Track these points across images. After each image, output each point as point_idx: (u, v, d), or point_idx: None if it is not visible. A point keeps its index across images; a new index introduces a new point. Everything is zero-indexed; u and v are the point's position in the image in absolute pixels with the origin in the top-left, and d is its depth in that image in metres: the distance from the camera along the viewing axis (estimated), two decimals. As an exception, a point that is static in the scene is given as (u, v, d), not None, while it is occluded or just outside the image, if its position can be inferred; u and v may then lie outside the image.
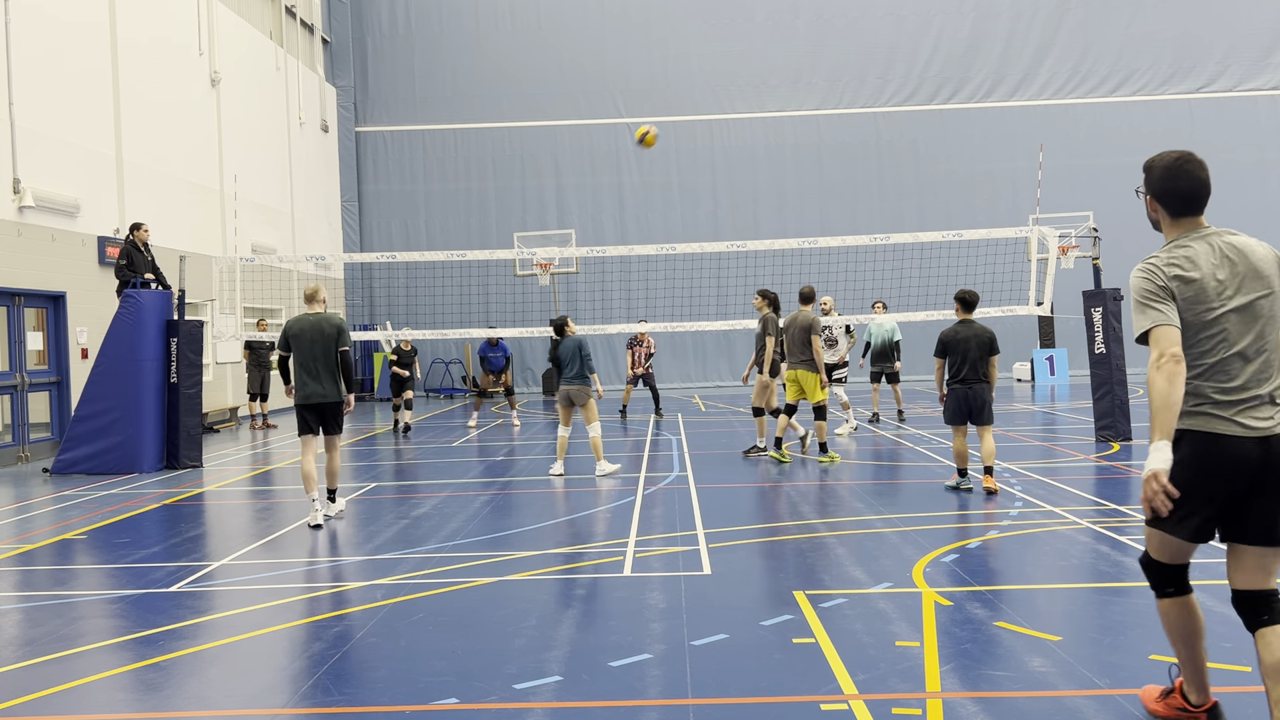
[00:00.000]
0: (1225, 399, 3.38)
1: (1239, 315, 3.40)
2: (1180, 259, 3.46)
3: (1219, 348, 3.40)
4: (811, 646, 4.88)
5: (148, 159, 16.95)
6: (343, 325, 8.63)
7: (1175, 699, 3.81)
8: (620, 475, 10.86)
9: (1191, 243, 3.49)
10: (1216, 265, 3.43)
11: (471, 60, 27.10)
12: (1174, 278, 3.43)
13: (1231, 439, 3.36)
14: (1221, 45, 26.31)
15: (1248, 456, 3.34)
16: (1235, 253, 3.45)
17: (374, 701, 4.38)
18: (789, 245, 14.66)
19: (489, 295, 23.82)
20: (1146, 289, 3.45)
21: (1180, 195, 3.54)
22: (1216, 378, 3.40)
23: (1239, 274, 3.43)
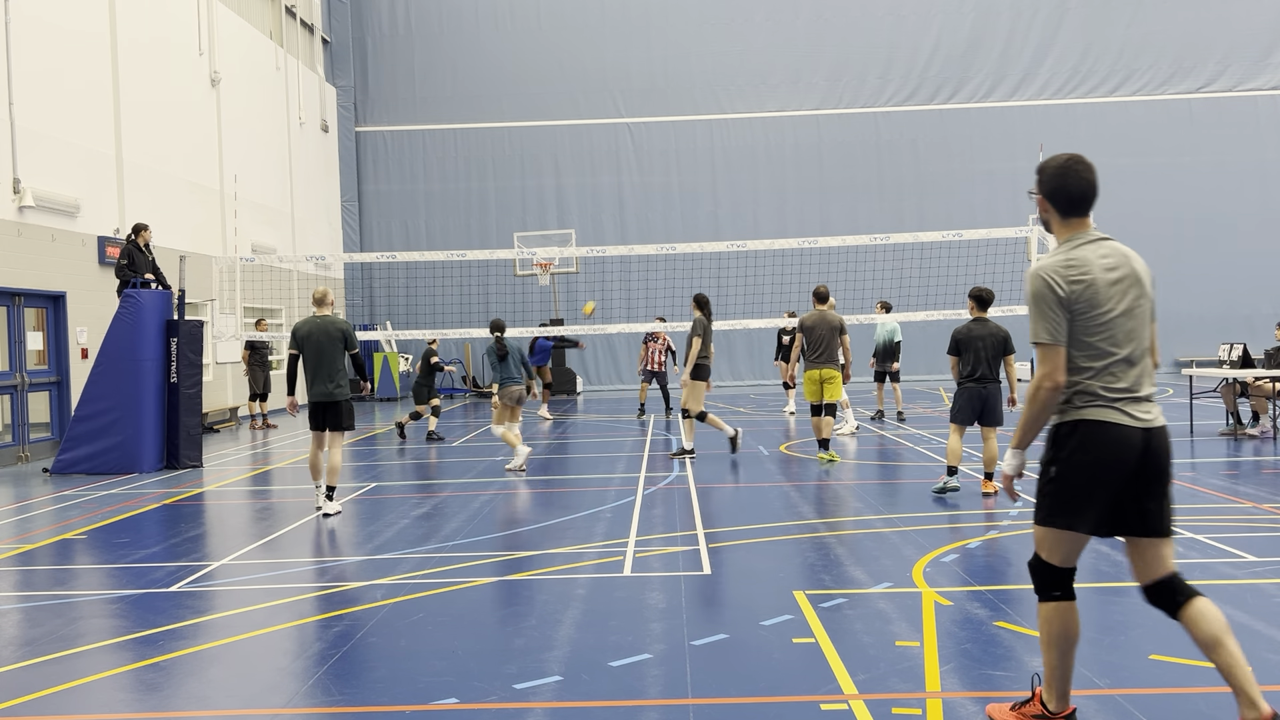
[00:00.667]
0: (1113, 395, 3.57)
1: (1125, 319, 3.59)
2: (1076, 264, 3.59)
3: (1108, 350, 3.57)
4: (811, 646, 4.89)
5: (148, 159, 16.95)
6: (348, 330, 9.03)
7: (1033, 707, 3.78)
8: (620, 475, 10.86)
9: (1083, 249, 3.64)
10: (1106, 270, 3.59)
11: (471, 60, 27.10)
12: (1073, 282, 3.56)
13: (1122, 427, 3.54)
14: (1221, 45, 26.31)
15: (1134, 445, 3.53)
16: (1120, 258, 3.64)
17: (374, 701, 4.38)
18: (789, 245, 14.68)
19: (489, 295, 23.82)
20: (1047, 297, 3.58)
21: (1068, 195, 3.71)
22: (1105, 379, 3.57)
23: (1124, 279, 3.60)
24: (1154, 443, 3.57)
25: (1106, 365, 3.57)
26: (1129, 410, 3.56)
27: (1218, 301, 26.05)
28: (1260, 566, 6.20)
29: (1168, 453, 3.62)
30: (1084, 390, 3.59)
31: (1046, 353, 3.56)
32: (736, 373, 27.00)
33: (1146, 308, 3.64)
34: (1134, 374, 3.59)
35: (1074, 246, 3.65)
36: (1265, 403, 12.78)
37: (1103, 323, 3.57)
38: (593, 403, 22.37)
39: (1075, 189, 3.71)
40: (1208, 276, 26.08)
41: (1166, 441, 3.62)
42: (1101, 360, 3.57)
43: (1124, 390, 3.57)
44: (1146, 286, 3.65)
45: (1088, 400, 3.59)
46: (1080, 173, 3.72)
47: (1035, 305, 3.60)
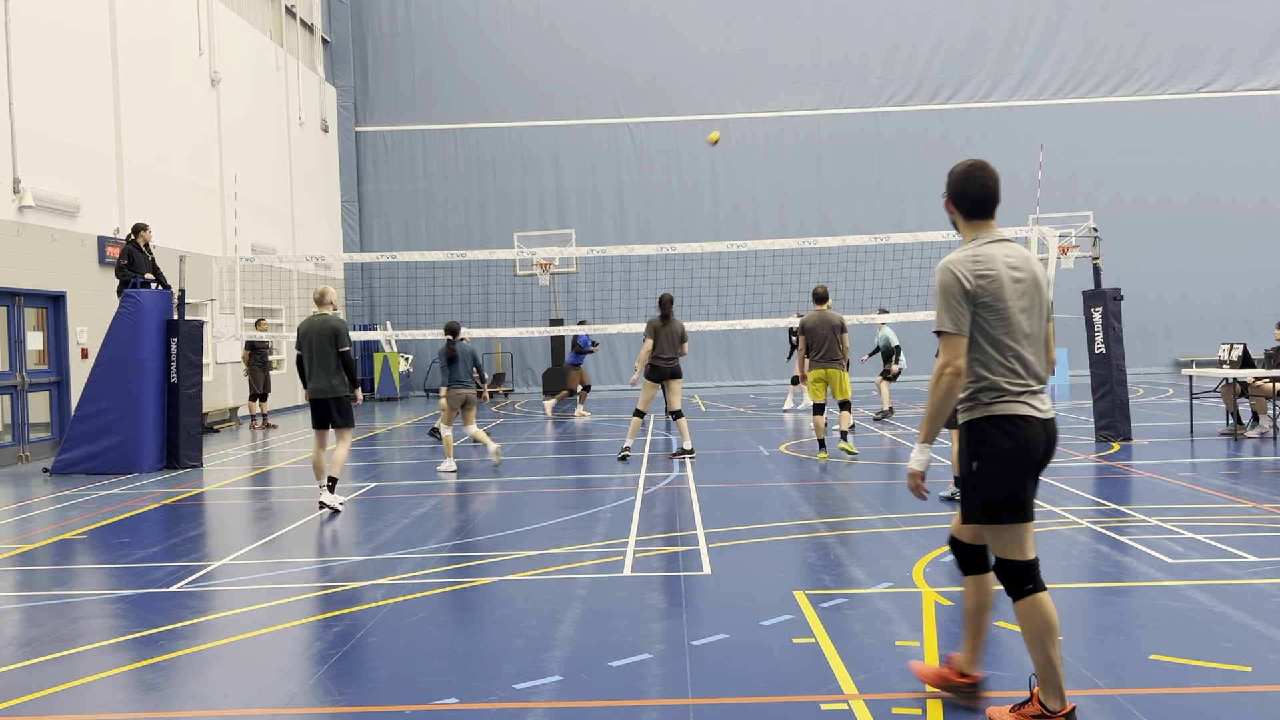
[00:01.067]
0: (1018, 389, 3.75)
1: (1024, 317, 3.78)
2: (983, 261, 3.77)
3: (1011, 345, 3.75)
4: (811, 646, 4.89)
5: (148, 159, 16.95)
6: (339, 327, 9.11)
7: (1032, 707, 3.79)
8: (620, 475, 10.86)
9: (989, 248, 3.82)
10: (1010, 269, 3.78)
11: (471, 60, 27.10)
12: (979, 277, 3.73)
13: (1031, 419, 3.74)
14: (1221, 45, 26.31)
15: (1041, 435, 3.75)
16: (1023, 260, 3.83)
17: (374, 701, 4.38)
18: (789, 245, 14.67)
19: (489, 295, 23.83)
20: (954, 290, 3.74)
21: (970, 199, 3.91)
22: (1009, 374, 3.75)
23: (1025, 279, 3.79)
24: (1051, 433, 3.80)
25: (1011, 358, 3.75)
26: (1032, 403, 3.75)
27: (1218, 301, 26.06)
28: (1260, 566, 6.20)
29: (1056, 443, 3.84)
30: (991, 386, 3.75)
31: (949, 341, 3.73)
32: (736, 373, 27.00)
33: (1043, 308, 3.85)
34: (1033, 369, 3.79)
35: (980, 245, 3.84)
36: (1265, 403, 12.78)
37: (1006, 319, 3.74)
38: (593, 403, 22.36)
39: (975, 193, 3.90)
40: (1208, 276, 26.09)
41: (1057, 432, 3.86)
42: (1005, 355, 3.74)
43: (1025, 385, 3.76)
44: (1044, 288, 3.85)
45: (996, 396, 3.75)
46: (980, 178, 3.89)
47: (942, 296, 3.77)
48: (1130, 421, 12.85)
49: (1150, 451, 11.59)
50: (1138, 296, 22.76)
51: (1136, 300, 21.85)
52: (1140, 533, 7.26)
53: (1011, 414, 3.72)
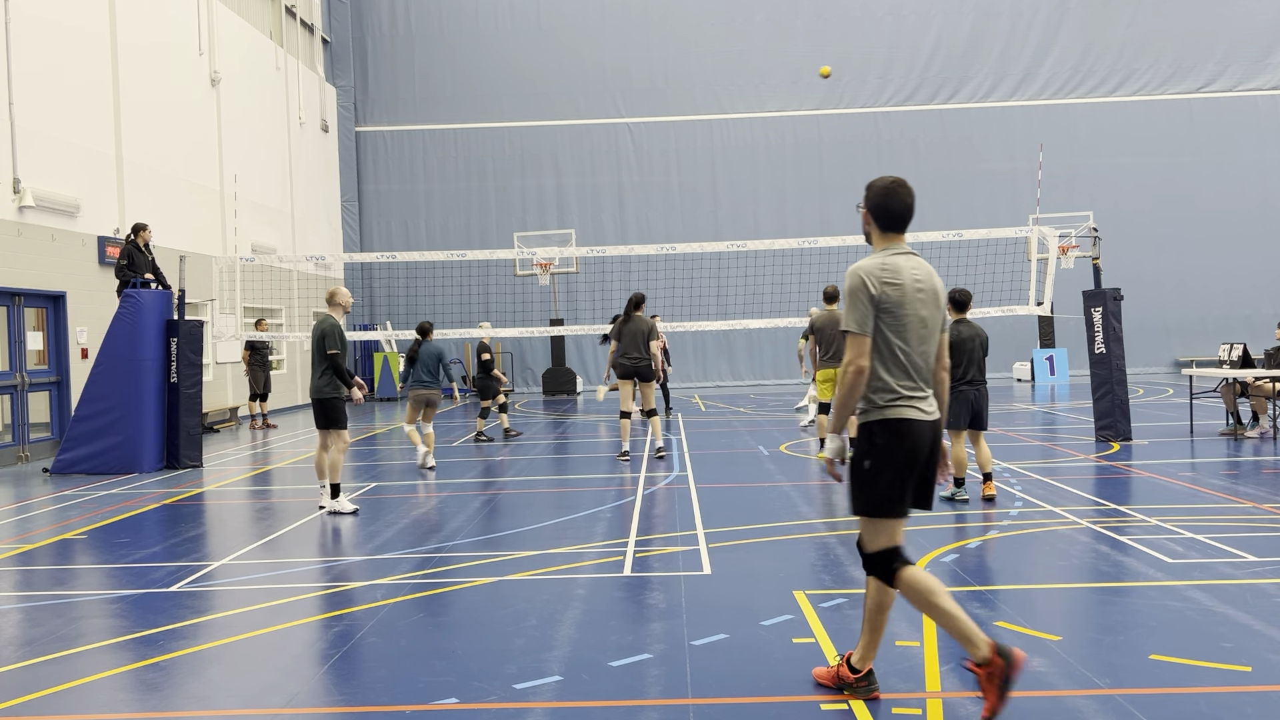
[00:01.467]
0: (907, 392, 4.01)
1: (922, 325, 4.05)
2: (890, 269, 4.04)
3: (906, 350, 4.02)
4: (811, 646, 4.89)
5: (148, 159, 16.95)
6: (326, 328, 9.05)
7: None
8: (620, 475, 10.86)
9: (896, 258, 4.09)
10: (914, 280, 4.05)
11: (471, 60, 27.10)
12: (885, 284, 4.00)
13: (917, 422, 4.00)
14: (1221, 45, 26.32)
15: (926, 436, 4.02)
16: (925, 274, 4.11)
17: (374, 701, 4.38)
18: (789, 245, 14.67)
19: (489, 295, 23.84)
20: (861, 293, 4.01)
21: (889, 214, 4.13)
22: (901, 375, 4.02)
23: (926, 291, 4.07)
24: (936, 433, 4.07)
25: (904, 362, 4.02)
26: (920, 406, 4.02)
27: (1218, 301, 26.07)
28: (1260, 566, 6.20)
29: (940, 443, 4.13)
30: (885, 388, 4.02)
31: (854, 340, 3.99)
32: (736, 373, 27.00)
33: (939, 320, 4.13)
34: (924, 374, 4.07)
35: (889, 255, 4.11)
36: (1265, 403, 12.78)
37: (904, 326, 4.01)
38: (592, 402, 22.36)
39: (895, 209, 4.12)
40: (1208, 276, 26.09)
41: (941, 431, 4.13)
42: (900, 356, 4.02)
43: (915, 388, 4.03)
44: (941, 301, 4.15)
45: (890, 399, 4.01)
46: (901, 196, 4.13)
47: (850, 298, 4.03)
48: (1130, 421, 12.84)
49: (1150, 451, 11.59)
50: (1138, 296, 22.77)
51: (1136, 300, 21.84)
52: (1140, 533, 7.26)
53: (902, 418, 3.98)
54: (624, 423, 12.16)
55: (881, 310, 3.99)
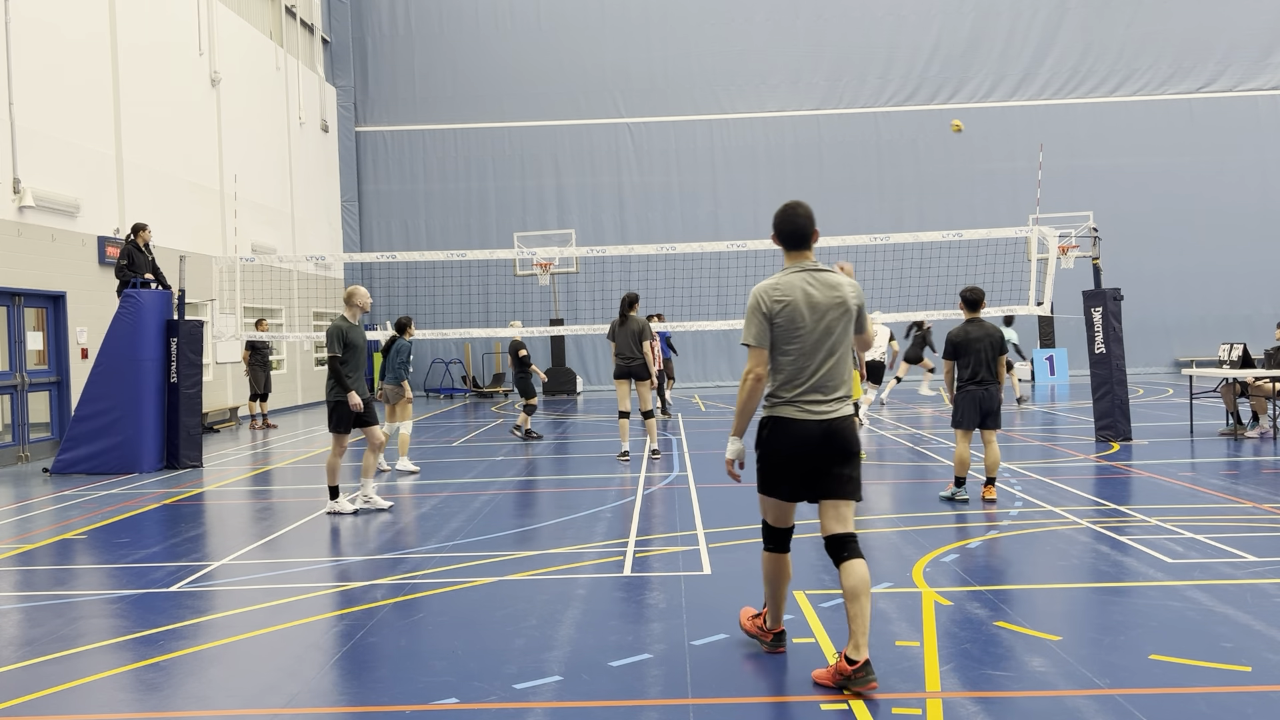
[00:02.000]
0: (793, 396, 4.45)
1: (817, 336, 4.43)
2: (782, 288, 4.45)
3: (797, 359, 4.44)
4: (811, 646, 4.89)
5: (148, 159, 16.95)
6: (329, 331, 8.98)
7: (760, 621, 4.89)
8: (620, 475, 10.86)
9: (792, 276, 4.49)
10: (808, 295, 4.43)
11: (471, 60, 27.10)
12: (775, 302, 4.43)
13: (798, 421, 4.43)
14: (1221, 45, 26.31)
15: (811, 434, 4.42)
16: (826, 288, 4.47)
17: (374, 701, 4.38)
18: (789, 245, 14.64)
19: (489, 295, 23.84)
20: (755, 311, 4.49)
21: (783, 234, 4.57)
22: (790, 381, 4.45)
23: (823, 304, 4.43)
24: (832, 430, 4.42)
25: (794, 370, 4.44)
26: (808, 408, 4.42)
27: (1218, 301, 26.06)
28: (1260, 566, 6.20)
29: (846, 437, 4.46)
30: (774, 393, 4.51)
31: (752, 352, 4.49)
32: (736, 372, 26.99)
33: (845, 328, 4.49)
34: (818, 379, 4.43)
35: (786, 274, 4.52)
36: (1265, 403, 12.77)
37: (797, 338, 4.43)
38: (593, 403, 22.37)
39: (786, 229, 4.55)
40: (1208, 276, 26.09)
41: (845, 429, 4.46)
42: (791, 365, 4.44)
43: (806, 391, 4.43)
44: (850, 310, 4.49)
45: (776, 401, 4.50)
46: (792, 217, 4.55)
47: (747, 315, 4.52)
48: (1130, 421, 12.84)
49: (1150, 451, 11.59)
50: (1138, 296, 22.76)
51: (1136, 300, 21.84)
52: (1140, 533, 7.26)
53: (784, 416, 4.45)
54: (622, 423, 12.15)
55: (774, 325, 4.44)
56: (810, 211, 4.61)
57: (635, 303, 12.14)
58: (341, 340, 8.92)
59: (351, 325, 9.05)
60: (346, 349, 8.94)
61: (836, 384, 4.46)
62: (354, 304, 9.15)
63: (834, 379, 4.46)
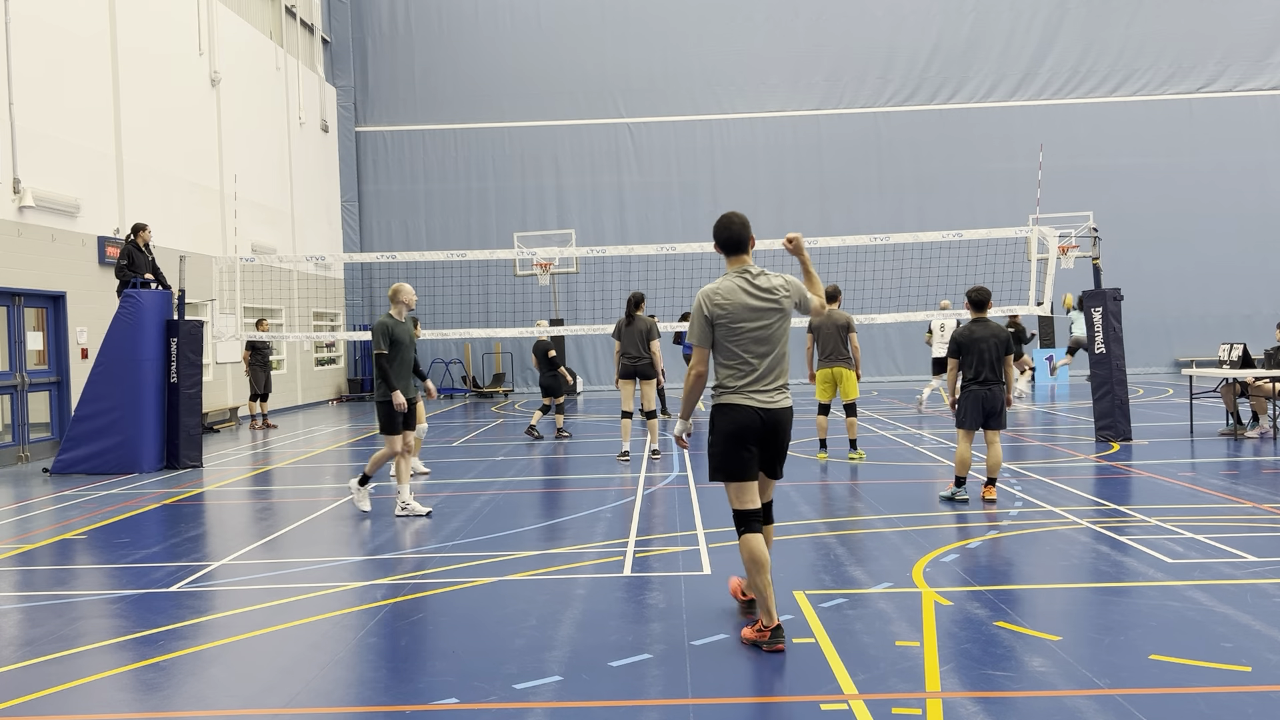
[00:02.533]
0: (740, 385, 4.96)
1: (755, 333, 4.94)
2: (721, 293, 4.96)
3: (739, 354, 4.95)
4: (811, 646, 4.89)
5: (148, 159, 16.95)
6: (375, 328, 8.73)
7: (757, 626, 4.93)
8: (620, 475, 10.86)
9: (731, 280, 4.99)
10: (746, 299, 4.94)
11: (471, 60, 27.09)
12: (715, 305, 4.95)
13: (745, 408, 4.94)
14: (1221, 45, 26.30)
15: (754, 419, 4.93)
16: (763, 289, 4.96)
17: (374, 701, 4.38)
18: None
19: (489, 295, 23.84)
20: (698, 313, 5.01)
21: (722, 241, 5.09)
22: (737, 375, 4.97)
23: (760, 306, 4.94)
24: (771, 418, 4.96)
25: (738, 363, 4.96)
26: (753, 396, 4.94)
27: (1218, 301, 26.05)
28: (1260, 566, 6.20)
29: (782, 425, 5.01)
30: (723, 384, 5.02)
31: (695, 351, 5.04)
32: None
33: (781, 327, 5.00)
34: (760, 372, 4.95)
35: (726, 278, 5.03)
36: (1265, 403, 12.77)
37: (737, 337, 4.93)
38: (593, 403, 22.37)
39: (724, 237, 5.08)
40: (1208, 276, 26.08)
41: (782, 418, 5.00)
42: (735, 361, 4.96)
43: (749, 383, 4.95)
44: (785, 310, 5.00)
45: (723, 391, 5.02)
46: (728, 226, 5.07)
47: (692, 316, 5.03)
48: (1130, 421, 12.84)
49: (1150, 451, 11.59)
50: (1138, 296, 22.76)
51: (1136, 300, 21.84)
52: (1140, 533, 7.26)
53: (730, 403, 4.97)
54: (624, 423, 12.15)
55: (715, 325, 4.96)
56: (745, 220, 5.10)
57: (641, 302, 12.12)
58: (388, 337, 8.66)
59: (397, 322, 8.76)
60: (393, 346, 8.70)
61: (774, 376, 4.99)
62: (400, 300, 8.83)
63: (772, 372, 4.99)
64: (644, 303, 12.24)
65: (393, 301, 8.90)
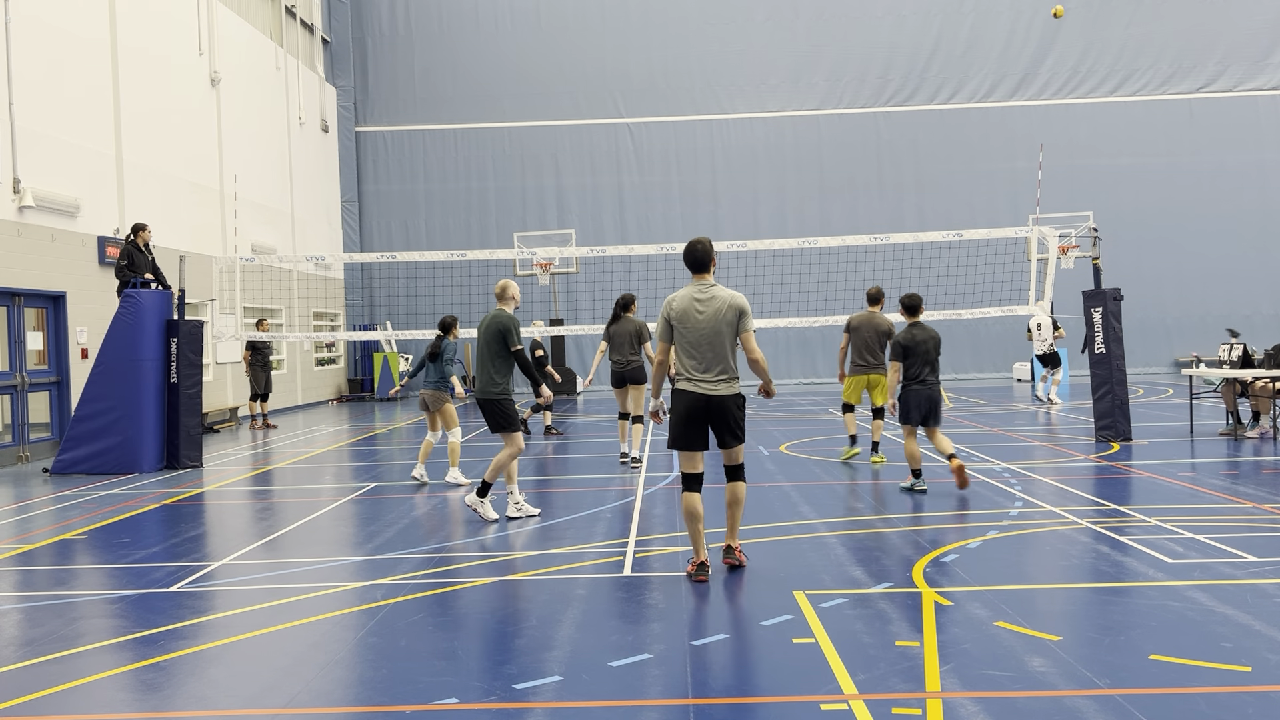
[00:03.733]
0: (690, 375, 6.23)
1: (701, 332, 6.17)
2: (676, 301, 6.26)
3: (689, 349, 6.22)
4: (811, 646, 4.89)
5: (148, 159, 16.95)
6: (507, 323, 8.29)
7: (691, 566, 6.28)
8: (620, 475, 10.85)
9: (687, 291, 6.28)
10: (694, 305, 6.21)
11: (471, 60, 27.09)
12: (670, 310, 6.27)
13: (691, 393, 6.21)
14: (1221, 45, 26.30)
15: (700, 401, 6.18)
16: (709, 300, 6.19)
17: (374, 701, 4.38)
18: (789, 245, 14.67)
19: (489, 295, 23.80)
20: (661, 314, 6.34)
21: (686, 262, 6.35)
22: (687, 366, 6.24)
23: (706, 312, 6.18)
24: (713, 402, 6.17)
25: (689, 356, 6.22)
26: (698, 383, 6.19)
27: (1218, 301, 26.05)
28: (1260, 566, 6.20)
29: (724, 408, 6.17)
30: (680, 372, 6.31)
31: (658, 343, 6.37)
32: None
33: (722, 329, 6.15)
34: (704, 365, 6.17)
35: (685, 289, 6.30)
36: (1267, 402, 12.76)
37: (686, 336, 6.21)
38: (593, 403, 22.37)
39: (687, 259, 6.34)
40: (1208, 276, 26.08)
41: (724, 402, 6.17)
42: (686, 355, 6.24)
43: (697, 373, 6.20)
44: (728, 316, 6.15)
45: (678, 378, 6.32)
46: (691, 250, 6.31)
47: (659, 317, 6.33)
48: (1130, 421, 12.84)
49: (1150, 451, 11.59)
50: (1138, 296, 22.76)
51: (1136, 300, 21.84)
52: (1140, 533, 7.26)
53: (681, 389, 6.24)
54: (622, 424, 11.82)
55: (672, 325, 6.25)
56: (709, 247, 6.30)
57: (631, 304, 11.76)
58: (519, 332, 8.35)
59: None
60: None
61: (719, 370, 6.17)
62: (510, 296, 8.45)
63: (715, 366, 6.17)
64: (634, 305, 11.82)
65: (502, 299, 8.47)
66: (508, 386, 8.30)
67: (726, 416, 6.16)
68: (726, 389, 6.16)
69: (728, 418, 6.16)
